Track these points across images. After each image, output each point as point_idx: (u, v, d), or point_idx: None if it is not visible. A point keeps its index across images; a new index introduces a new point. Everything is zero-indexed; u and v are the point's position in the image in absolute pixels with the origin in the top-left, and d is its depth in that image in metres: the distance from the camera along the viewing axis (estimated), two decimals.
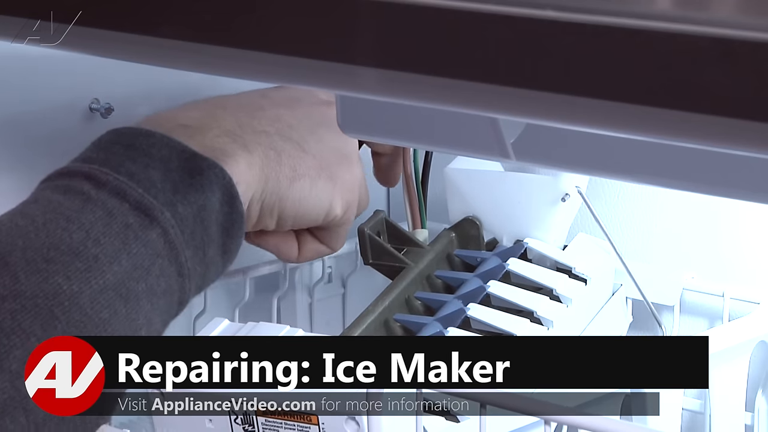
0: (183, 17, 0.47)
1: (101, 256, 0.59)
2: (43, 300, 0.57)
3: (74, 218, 0.60)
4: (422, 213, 0.83)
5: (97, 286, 0.59)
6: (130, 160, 0.63)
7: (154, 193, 0.62)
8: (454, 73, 0.41)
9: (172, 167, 0.63)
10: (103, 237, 0.60)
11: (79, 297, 0.58)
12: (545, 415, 0.49)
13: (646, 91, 0.38)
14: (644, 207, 0.89)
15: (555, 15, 0.38)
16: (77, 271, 0.58)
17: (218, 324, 0.69)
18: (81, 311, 0.58)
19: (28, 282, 0.57)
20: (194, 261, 0.63)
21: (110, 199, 0.61)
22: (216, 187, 0.64)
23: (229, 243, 0.65)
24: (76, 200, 0.61)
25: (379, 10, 0.42)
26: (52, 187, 0.62)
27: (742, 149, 0.38)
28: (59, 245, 0.59)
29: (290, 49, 0.44)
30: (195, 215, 0.63)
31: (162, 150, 0.64)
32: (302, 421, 0.62)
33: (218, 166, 0.64)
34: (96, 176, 0.62)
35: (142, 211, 0.61)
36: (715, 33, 0.36)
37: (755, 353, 0.82)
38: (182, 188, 0.63)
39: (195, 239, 0.63)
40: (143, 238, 0.61)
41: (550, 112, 0.40)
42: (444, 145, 0.55)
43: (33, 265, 0.58)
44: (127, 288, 0.60)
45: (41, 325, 0.56)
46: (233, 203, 0.65)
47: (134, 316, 0.60)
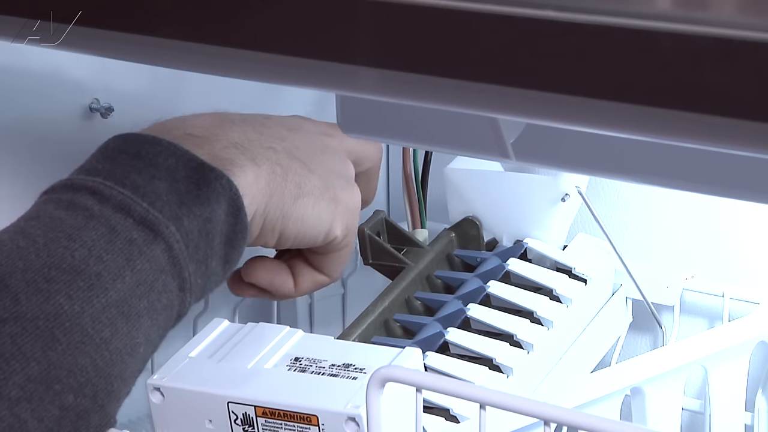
0: (183, 17, 0.47)
1: (104, 273, 0.59)
2: (44, 321, 0.56)
3: (76, 236, 0.59)
4: (422, 213, 0.83)
5: (99, 305, 0.58)
6: (136, 172, 0.62)
7: (159, 206, 0.61)
8: (454, 73, 0.41)
9: (179, 177, 0.63)
10: (105, 254, 0.59)
11: (81, 317, 0.57)
12: (545, 416, 0.49)
13: (646, 91, 0.38)
14: (644, 207, 0.89)
15: (555, 15, 0.38)
16: (79, 289, 0.58)
17: (218, 324, 0.69)
18: (82, 331, 0.57)
19: (29, 303, 0.57)
20: (197, 275, 0.62)
21: (114, 215, 0.60)
22: (222, 198, 0.63)
23: (231, 254, 0.65)
24: (78, 217, 0.60)
25: (379, 10, 0.42)
26: (55, 202, 0.61)
27: (742, 149, 0.38)
28: (60, 264, 0.58)
29: (290, 49, 0.44)
30: (200, 228, 0.62)
31: (168, 159, 0.63)
32: (302, 421, 0.62)
33: (225, 176, 0.64)
34: (100, 191, 0.61)
35: (147, 226, 0.60)
36: (715, 33, 0.36)
37: (755, 353, 0.82)
38: (188, 200, 0.62)
39: (198, 253, 0.62)
40: (147, 254, 0.60)
41: (550, 112, 0.40)
42: (444, 145, 0.55)
43: (33, 285, 0.57)
44: (129, 305, 0.59)
45: (42, 348, 0.56)
46: (238, 214, 0.64)
47: (134, 333, 0.59)
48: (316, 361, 0.65)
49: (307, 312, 0.93)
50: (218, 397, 0.64)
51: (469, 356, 0.73)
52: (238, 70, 0.48)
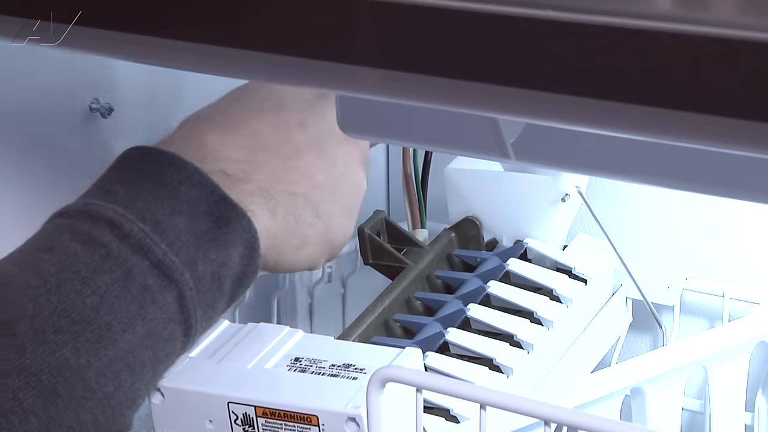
0: (183, 17, 0.47)
1: (114, 323, 0.57)
2: (48, 376, 0.55)
3: (90, 280, 0.57)
4: (422, 213, 0.83)
5: (107, 359, 0.57)
6: (158, 202, 0.60)
7: (177, 247, 0.60)
8: (454, 73, 0.41)
9: (200, 212, 0.61)
10: (118, 301, 0.58)
11: (86, 371, 0.56)
12: (545, 416, 0.49)
13: (646, 91, 0.38)
14: (644, 207, 0.89)
15: (555, 15, 0.38)
16: (87, 342, 0.56)
17: (218, 324, 0.69)
18: (85, 386, 0.56)
19: (34, 356, 0.55)
20: (203, 320, 0.61)
21: (131, 257, 0.59)
22: (239, 240, 0.62)
23: (238, 292, 0.64)
24: (94, 255, 0.58)
25: (379, 10, 0.42)
26: (71, 232, 0.59)
27: (742, 149, 0.38)
28: (71, 312, 0.57)
29: (290, 49, 0.44)
30: (213, 273, 0.61)
31: (191, 191, 0.62)
32: (302, 421, 0.62)
33: (246, 216, 0.62)
34: (120, 224, 0.59)
35: (162, 270, 0.59)
36: (715, 33, 0.36)
37: (755, 353, 0.82)
38: (205, 242, 0.61)
39: (208, 298, 0.61)
40: (160, 302, 0.59)
41: (550, 112, 0.40)
42: (444, 145, 0.55)
43: (41, 335, 0.56)
44: (134, 356, 0.58)
45: (42, 403, 0.55)
46: (253, 256, 0.63)
47: (137, 386, 0.59)
48: (316, 361, 0.65)
49: (307, 312, 0.93)
50: (218, 397, 0.64)
51: (469, 356, 0.73)
52: (238, 70, 0.48)
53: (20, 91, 0.76)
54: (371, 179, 0.80)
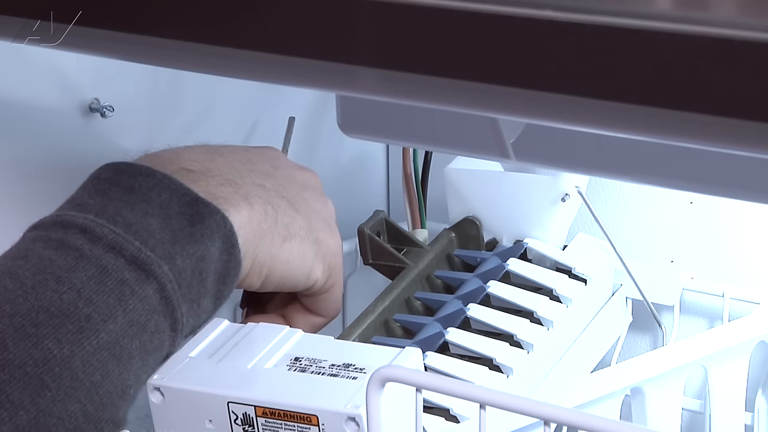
0: (183, 17, 0.47)
1: (94, 315, 0.57)
2: (33, 368, 0.55)
3: (64, 278, 0.58)
4: (422, 213, 0.83)
5: (90, 348, 0.57)
6: (128, 208, 0.61)
7: (152, 244, 0.60)
8: (454, 73, 0.41)
9: (172, 213, 0.62)
10: (96, 295, 0.58)
11: (71, 361, 0.56)
12: (545, 416, 0.49)
13: (646, 91, 0.38)
14: (644, 207, 0.89)
15: (555, 15, 0.38)
16: (68, 333, 0.57)
17: (218, 324, 0.69)
18: (72, 376, 0.56)
19: (17, 349, 0.55)
20: (188, 314, 0.61)
21: (105, 255, 0.59)
22: (216, 235, 0.62)
23: (223, 290, 0.64)
24: (68, 257, 0.59)
25: (379, 10, 0.42)
26: (45, 240, 0.60)
27: (742, 149, 0.38)
28: (49, 308, 0.57)
29: (290, 49, 0.44)
30: (193, 267, 0.61)
31: (162, 194, 0.62)
32: (302, 421, 0.62)
33: (220, 212, 0.63)
34: (91, 229, 0.60)
35: (139, 265, 0.59)
36: (715, 33, 0.36)
37: (755, 353, 0.82)
38: (181, 238, 0.61)
39: (191, 292, 0.61)
40: (140, 294, 0.59)
41: (550, 112, 0.40)
42: (444, 145, 0.55)
43: (21, 330, 0.56)
44: (120, 346, 0.58)
45: (30, 395, 0.55)
46: (232, 251, 0.63)
47: (126, 375, 0.58)
48: (316, 361, 0.65)
49: None
50: (218, 397, 0.64)
51: (469, 356, 0.73)
52: (238, 70, 0.48)
53: (20, 90, 0.77)
54: (372, 179, 0.80)
